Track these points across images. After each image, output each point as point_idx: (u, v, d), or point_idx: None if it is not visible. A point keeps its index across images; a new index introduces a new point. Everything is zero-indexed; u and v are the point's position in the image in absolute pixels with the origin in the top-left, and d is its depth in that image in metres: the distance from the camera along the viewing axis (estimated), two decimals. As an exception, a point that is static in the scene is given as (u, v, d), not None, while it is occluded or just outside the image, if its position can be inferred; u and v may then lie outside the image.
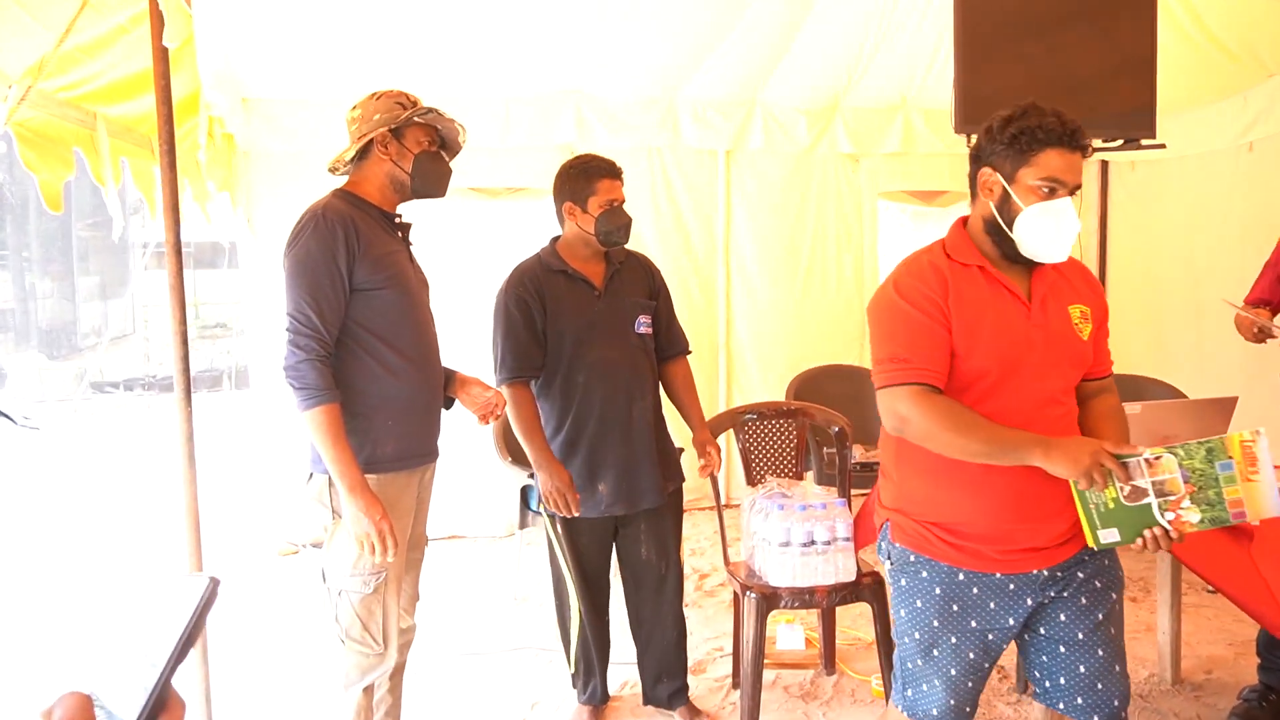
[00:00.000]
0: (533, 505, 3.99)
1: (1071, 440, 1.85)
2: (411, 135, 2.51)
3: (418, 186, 2.54)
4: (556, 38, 4.54)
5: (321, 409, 2.31)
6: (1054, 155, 1.91)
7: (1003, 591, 1.99)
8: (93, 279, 14.43)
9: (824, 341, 5.63)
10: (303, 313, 2.35)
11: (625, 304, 2.90)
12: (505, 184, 5.23)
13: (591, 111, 5.07)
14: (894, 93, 5.43)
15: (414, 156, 2.51)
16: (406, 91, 2.55)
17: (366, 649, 2.49)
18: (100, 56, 2.83)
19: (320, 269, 2.38)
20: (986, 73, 3.09)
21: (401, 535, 2.53)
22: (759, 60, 4.99)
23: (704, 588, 4.28)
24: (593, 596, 3.02)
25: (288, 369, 2.34)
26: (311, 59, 4.34)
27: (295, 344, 2.34)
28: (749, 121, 5.34)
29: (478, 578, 4.58)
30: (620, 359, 2.87)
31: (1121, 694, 2.02)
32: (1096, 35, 3.20)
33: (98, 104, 2.92)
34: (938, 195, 6.01)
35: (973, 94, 3.05)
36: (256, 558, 4.84)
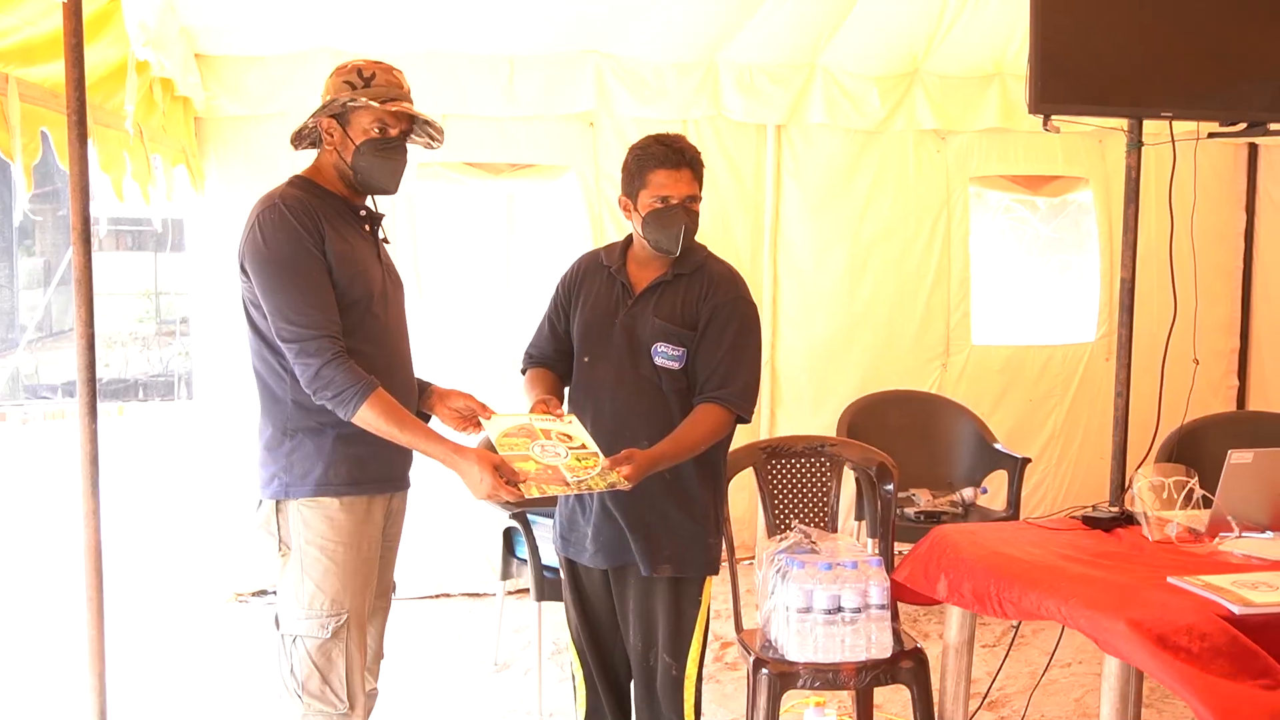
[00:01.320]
0: (518, 552, 4.07)
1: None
2: (357, 122, 2.60)
3: (360, 181, 2.64)
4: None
5: (367, 405, 2.47)
6: None
7: None
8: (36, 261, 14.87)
9: (897, 360, 5.64)
10: (300, 314, 2.46)
11: (646, 324, 2.87)
12: (509, 159, 5.33)
13: (614, 75, 5.15)
14: (987, 57, 5.44)
15: (354, 147, 2.60)
16: (370, 62, 2.64)
17: (327, 707, 2.57)
18: (13, 11, 2.97)
19: (299, 260, 2.49)
20: (1070, 40, 3.09)
21: (365, 574, 2.62)
22: (819, 15, 5.03)
23: (724, 658, 4.32)
24: (602, 660, 3.05)
25: (311, 382, 2.46)
26: (278, 6, 4.48)
27: (305, 352, 2.46)
28: (807, 90, 5.38)
29: (452, 640, 4.67)
30: (621, 387, 2.88)
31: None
32: (1213, 2, 3.18)
33: (10, 65, 3.05)
34: (1046, 181, 6.00)
35: (1053, 65, 3.06)
36: (196, 603, 4.98)
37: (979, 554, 2.79)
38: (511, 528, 4.06)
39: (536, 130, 5.23)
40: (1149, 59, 3.17)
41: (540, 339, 3.07)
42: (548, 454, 2.54)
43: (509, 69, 5.06)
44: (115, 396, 11.37)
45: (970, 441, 4.91)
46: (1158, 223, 3.77)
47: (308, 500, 2.57)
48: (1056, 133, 3.25)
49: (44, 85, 3.26)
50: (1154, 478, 2.94)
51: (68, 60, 2.52)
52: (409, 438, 2.54)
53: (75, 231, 2.55)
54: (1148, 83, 3.17)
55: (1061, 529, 3.02)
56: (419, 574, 4.93)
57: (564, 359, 3.03)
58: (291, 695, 2.59)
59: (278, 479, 2.58)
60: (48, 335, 12.93)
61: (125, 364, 12.90)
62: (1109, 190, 5.83)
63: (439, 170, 5.18)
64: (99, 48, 3.47)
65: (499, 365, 4.97)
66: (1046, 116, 3.11)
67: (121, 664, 3.52)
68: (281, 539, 2.60)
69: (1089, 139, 5.73)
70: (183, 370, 11.28)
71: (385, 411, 2.50)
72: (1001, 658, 3.83)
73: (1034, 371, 5.88)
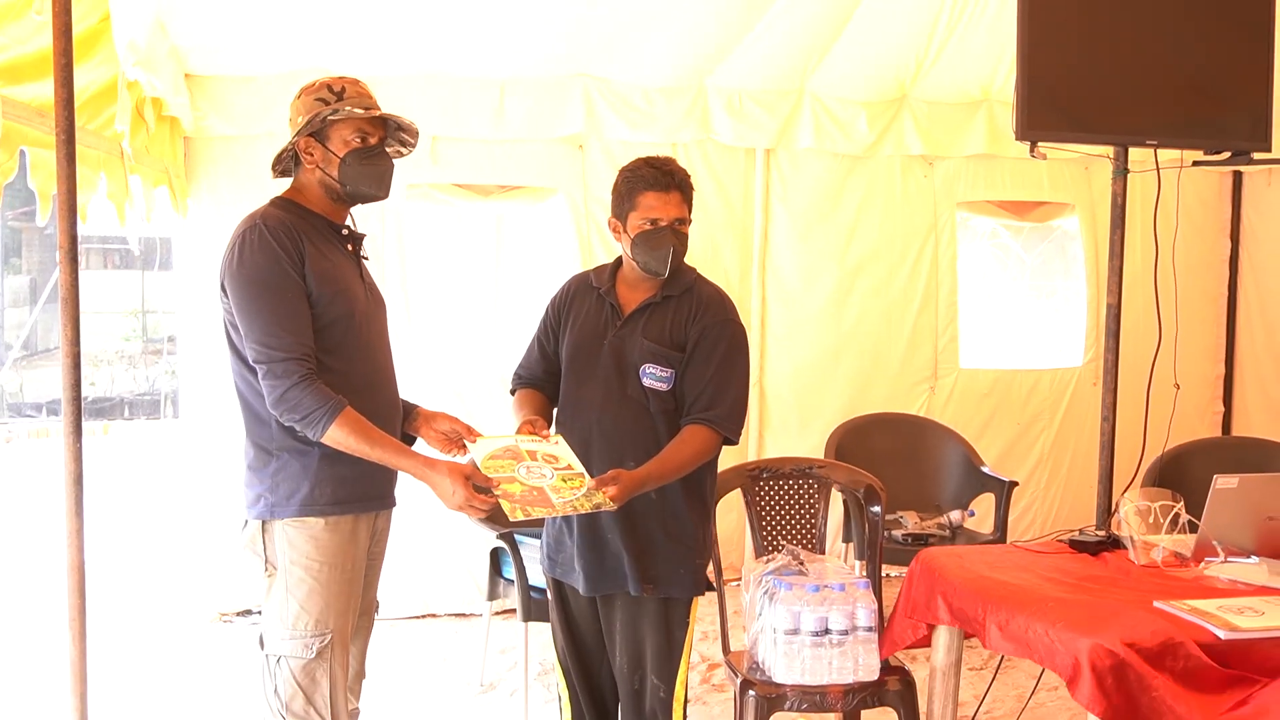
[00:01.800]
0: (505, 572, 4.06)
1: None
2: (337, 135, 2.62)
3: (350, 192, 2.65)
4: (562, 8, 4.65)
5: (335, 425, 2.47)
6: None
7: None
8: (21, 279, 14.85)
9: (884, 382, 5.66)
10: (272, 335, 2.47)
11: (634, 345, 2.88)
12: (498, 181, 5.34)
13: (603, 99, 5.17)
14: (974, 83, 5.48)
15: (339, 160, 2.61)
16: (336, 78, 2.66)
17: None
18: (3, 30, 2.97)
19: (275, 281, 2.50)
20: (1056, 68, 3.12)
21: (348, 594, 2.62)
22: (808, 41, 5.07)
23: (711, 680, 4.31)
24: (588, 681, 3.04)
25: (276, 404, 2.47)
26: (268, 27, 4.49)
27: (273, 373, 2.47)
28: (795, 115, 5.41)
29: (438, 660, 4.64)
30: (609, 408, 2.88)
31: None
32: (1197, 32, 3.21)
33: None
34: (1033, 208, 6.04)
35: (1040, 92, 3.09)
36: (181, 624, 4.95)
37: (965, 577, 2.80)
38: (499, 548, 4.05)
39: (525, 152, 5.24)
40: (1134, 88, 3.20)
41: (530, 360, 3.08)
42: (533, 475, 2.54)
43: (499, 92, 5.08)
44: (101, 415, 11.35)
45: (958, 464, 4.92)
46: (1143, 249, 3.80)
47: (293, 520, 2.57)
48: (1043, 159, 3.28)
49: (31, 105, 3.26)
50: (1140, 502, 2.95)
51: (57, 80, 2.51)
52: (380, 453, 2.54)
53: (62, 250, 2.54)
54: (1133, 111, 3.20)
55: (1048, 552, 3.03)
56: (405, 594, 4.92)
57: (553, 380, 3.03)
58: (276, 715, 2.59)
59: (263, 499, 2.59)
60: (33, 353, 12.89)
61: (111, 382, 12.88)
62: (1095, 216, 5.87)
63: (428, 191, 5.19)
64: (88, 68, 3.47)
65: (487, 386, 5.00)
66: (1033, 143, 3.14)
67: (104, 684, 3.49)
68: (267, 559, 2.60)
69: (1075, 165, 5.76)
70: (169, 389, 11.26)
71: (354, 430, 2.50)
72: (989, 681, 3.83)
73: (1022, 395, 5.90)
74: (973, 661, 4.38)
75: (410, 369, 4.06)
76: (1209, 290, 6.18)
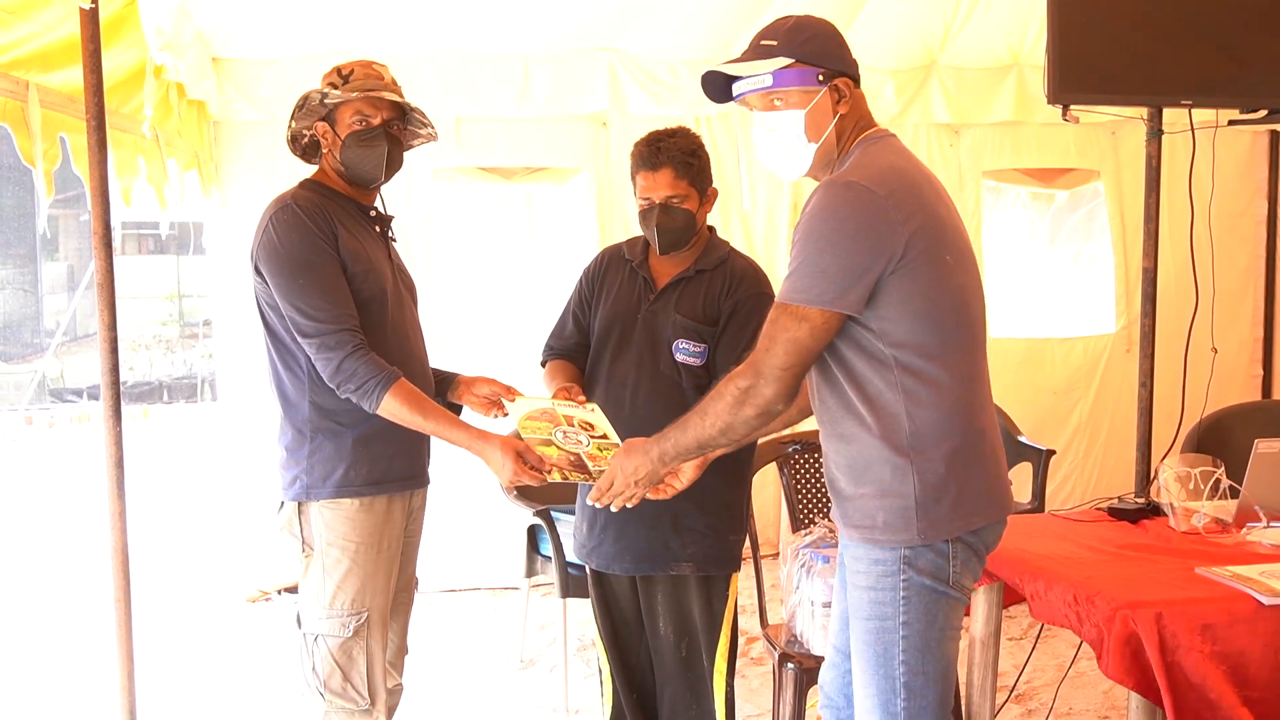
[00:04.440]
0: (543, 549, 4.06)
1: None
2: (341, 117, 2.61)
3: (350, 175, 2.64)
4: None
5: (389, 395, 2.48)
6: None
7: None
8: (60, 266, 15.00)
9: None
10: (316, 309, 2.47)
11: (668, 320, 2.86)
12: (522, 163, 5.31)
13: (628, 73, 5.13)
14: (1003, 47, 5.39)
15: (341, 142, 2.60)
16: (350, 62, 2.65)
17: (349, 704, 2.59)
18: (33, 17, 2.97)
19: (313, 258, 2.50)
20: (1088, 28, 3.05)
21: (385, 573, 2.63)
22: (833, 9, 4.95)
23: (750, 654, 4.30)
24: (624, 661, 3.04)
25: (334, 376, 2.48)
26: (292, 9, 4.47)
27: (326, 345, 2.47)
28: (822, 85, 5.33)
29: (477, 636, 4.66)
30: (641, 383, 2.85)
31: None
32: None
33: (30, 72, 3.06)
34: (1059, 175, 5.95)
35: (1071, 54, 3.02)
36: (220, 604, 4.99)
37: (1003, 546, 2.76)
38: (535, 525, 4.05)
39: (549, 131, 5.21)
40: (1167, 47, 3.12)
41: (562, 330, 3.05)
42: (569, 441, 2.52)
43: (523, 68, 5.04)
44: (140, 399, 11.46)
45: (994, 434, 4.86)
46: (1171, 212, 3.71)
47: (328, 502, 2.58)
48: (1075, 123, 3.21)
49: (62, 91, 3.27)
50: (1180, 468, 2.90)
51: (86, 66, 2.52)
52: (433, 425, 2.54)
53: (97, 236, 2.55)
54: (1166, 71, 3.13)
55: (1087, 520, 2.98)
56: (444, 568, 4.94)
57: (585, 351, 3.01)
58: (314, 693, 2.61)
59: (299, 481, 2.59)
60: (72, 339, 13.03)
61: (150, 367, 13.00)
62: (1121, 182, 5.78)
63: (453, 174, 5.17)
64: (115, 53, 3.47)
65: (514, 366, 4.97)
66: (1065, 106, 3.08)
67: (148, 663, 3.52)
68: (304, 540, 2.61)
69: (1102, 130, 5.68)
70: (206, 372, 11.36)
71: (409, 400, 2.50)
72: (1028, 650, 3.79)
73: (1055, 364, 5.82)
74: (1012, 631, 4.34)
75: (438, 350, 4.06)
76: (1246, 253, 6.07)
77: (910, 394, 2.08)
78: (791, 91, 2.14)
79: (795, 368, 2.07)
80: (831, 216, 2.05)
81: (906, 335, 2.07)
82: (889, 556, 2.13)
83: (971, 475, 2.13)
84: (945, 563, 2.13)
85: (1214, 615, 2.29)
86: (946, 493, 2.10)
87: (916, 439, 2.09)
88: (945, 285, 2.11)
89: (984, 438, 2.17)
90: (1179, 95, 3.13)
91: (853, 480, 2.17)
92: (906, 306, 2.06)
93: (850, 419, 2.14)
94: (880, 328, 2.07)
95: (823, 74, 2.15)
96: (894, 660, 2.15)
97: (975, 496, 2.14)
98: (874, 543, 2.14)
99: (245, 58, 4.75)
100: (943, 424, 2.10)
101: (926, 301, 2.07)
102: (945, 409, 2.10)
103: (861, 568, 2.18)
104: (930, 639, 2.14)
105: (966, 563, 2.16)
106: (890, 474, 2.11)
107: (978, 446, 2.15)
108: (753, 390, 2.09)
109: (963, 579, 2.16)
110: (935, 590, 2.13)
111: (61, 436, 10.01)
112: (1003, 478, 2.23)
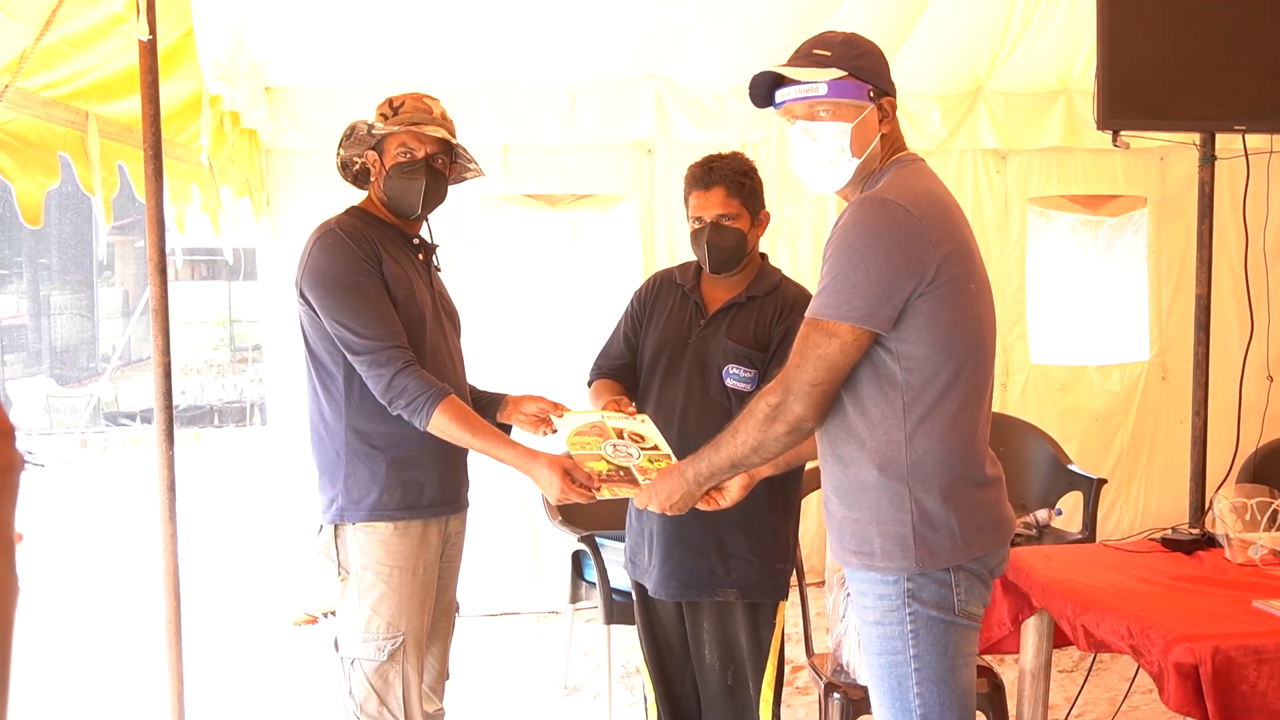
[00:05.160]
0: (587, 575, 4.05)
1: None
2: (389, 148, 2.65)
3: (390, 205, 2.68)
4: (632, 11, 4.63)
5: (440, 411, 2.49)
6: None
7: None
8: (115, 291, 15.27)
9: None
10: (366, 327, 2.50)
11: (719, 346, 2.85)
12: (568, 189, 5.34)
13: (674, 100, 5.14)
14: (1052, 72, 5.35)
15: (386, 172, 2.64)
16: (402, 94, 2.68)
17: None
18: (92, 49, 3.04)
19: (359, 279, 2.54)
20: (1139, 53, 3.02)
21: (421, 597, 2.64)
22: (880, 35, 4.83)
23: (795, 683, 4.25)
24: (669, 689, 3.02)
25: (385, 392, 2.50)
26: (343, 39, 4.54)
27: (377, 362, 2.50)
28: (868, 110, 5.32)
29: (521, 661, 4.65)
30: (690, 408, 2.84)
31: None
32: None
33: (90, 102, 3.13)
34: (1105, 201, 5.88)
35: (1122, 79, 2.99)
36: (267, 627, 5.02)
37: (1054, 577, 2.72)
38: (580, 550, 4.04)
39: (595, 159, 5.23)
40: (1220, 72, 3.09)
41: (613, 350, 3.05)
42: (619, 454, 2.50)
43: (570, 96, 5.07)
44: (191, 423, 11.62)
45: (1043, 462, 4.79)
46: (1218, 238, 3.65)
47: (363, 525, 2.60)
48: (1126, 149, 3.18)
49: (120, 121, 3.34)
50: (1236, 499, 2.84)
51: (144, 96, 2.56)
52: (481, 443, 2.55)
53: (151, 263, 2.60)
54: (1219, 96, 3.09)
55: (1140, 551, 2.93)
56: (487, 592, 4.94)
57: (632, 371, 3.01)
58: (351, 716, 2.62)
59: (335, 504, 2.62)
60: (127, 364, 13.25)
61: (201, 391, 13.19)
62: (1163, 208, 5.72)
63: (500, 201, 5.21)
64: (172, 83, 3.54)
65: (558, 391, 4.95)
66: (1115, 132, 3.04)
67: (198, 685, 3.55)
68: (340, 563, 2.63)
69: (1150, 156, 5.62)
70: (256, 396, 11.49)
71: (458, 417, 2.52)
72: (1080, 683, 3.72)
73: (1094, 391, 5.75)
74: (1063, 664, 4.26)
75: (484, 374, 4.08)
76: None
77: (915, 422, 2.06)
78: (841, 104, 2.14)
79: (825, 384, 2.06)
80: (866, 233, 2.04)
81: (923, 361, 2.05)
82: (892, 591, 2.10)
83: (970, 505, 2.10)
84: (949, 592, 2.10)
85: (1271, 650, 2.24)
86: (945, 522, 2.07)
87: (915, 468, 2.07)
88: (968, 314, 2.09)
89: (983, 466, 2.14)
90: (1232, 120, 3.09)
91: (845, 503, 2.16)
92: (928, 332, 2.05)
93: (850, 442, 2.12)
94: (899, 349, 2.05)
95: (873, 90, 2.15)
96: (909, 694, 2.12)
97: (974, 525, 2.10)
98: (873, 570, 2.12)
99: (298, 87, 4.82)
100: (943, 455, 2.07)
101: (947, 328, 2.06)
102: (948, 439, 2.07)
103: (868, 602, 2.16)
104: (943, 669, 2.11)
105: (971, 590, 2.12)
106: (887, 501, 2.09)
107: (976, 476, 2.12)
108: (783, 407, 2.08)
109: (969, 606, 2.13)
110: (943, 620, 2.10)
111: (115, 459, 10.16)
112: (1001, 503, 2.18)
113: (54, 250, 14.74)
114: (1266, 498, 2.82)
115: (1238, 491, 2.88)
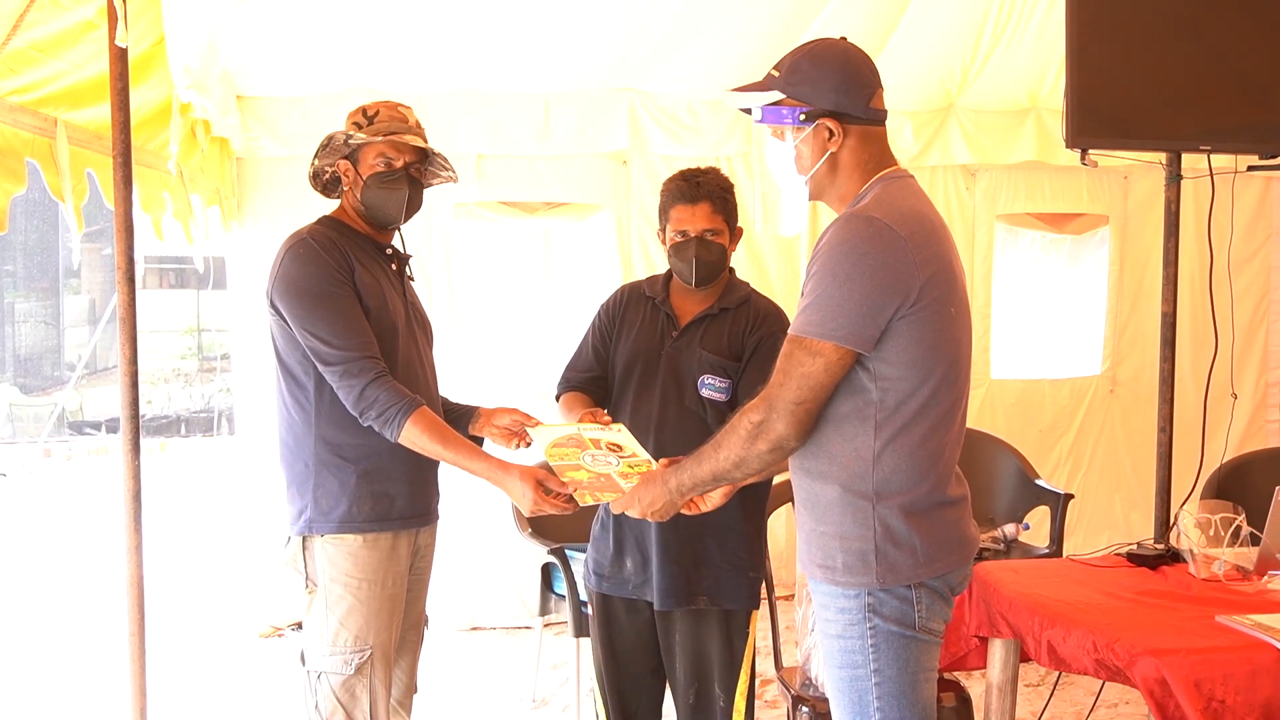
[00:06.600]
0: (556, 587, 4.04)
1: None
2: (364, 158, 2.64)
3: (369, 215, 2.67)
4: (606, 23, 4.64)
5: (410, 422, 2.48)
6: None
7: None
8: (82, 299, 15.11)
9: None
10: (338, 337, 2.49)
11: (694, 356, 2.86)
12: (543, 198, 5.34)
13: (648, 113, 5.16)
14: (1022, 91, 5.41)
15: (363, 182, 2.62)
16: (375, 102, 2.68)
17: None
18: (62, 55, 3.01)
19: (331, 289, 2.52)
20: (1107, 73, 3.06)
21: (389, 611, 2.62)
22: (852, 52, 5.02)
23: (764, 696, 4.25)
24: (623, 705, 3.01)
25: (356, 403, 2.49)
26: (317, 48, 4.52)
27: (349, 373, 2.48)
28: (841, 126, 5.35)
29: (490, 674, 4.62)
30: (666, 419, 2.85)
31: None
32: (1250, 35, 3.13)
33: (59, 109, 3.10)
34: (1070, 219, 5.95)
35: (1090, 98, 3.02)
36: (233, 639, 4.97)
37: (1021, 591, 2.74)
38: (549, 563, 4.03)
39: (570, 169, 5.23)
40: (1187, 92, 3.12)
41: (581, 363, 3.04)
42: (599, 463, 2.50)
43: (544, 107, 5.08)
44: (157, 432, 11.51)
45: (1010, 476, 4.83)
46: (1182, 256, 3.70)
47: (332, 537, 2.58)
48: (1094, 166, 3.21)
49: (89, 128, 3.31)
50: (1200, 514, 2.87)
51: (114, 104, 2.55)
52: (453, 454, 2.54)
53: (120, 271, 2.57)
54: (1186, 116, 3.13)
55: (1105, 566, 2.95)
56: (457, 606, 4.91)
57: (602, 384, 3.01)
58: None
59: (304, 515, 2.60)
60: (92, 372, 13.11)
61: (168, 400, 13.08)
62: (1126, 226, 5.80)
63: (474, 209, 5.20)
64: (142, 90, 3.52)
65: (533, 401, 4.96)
66: (1084, 150, 3.07)
67: (161, 697, 3.51)
68: (308, 575, 2.61)
69: (1114, 175, 5.70)
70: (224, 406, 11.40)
71: (430, 428, 2.51)
72: (1046, 697, 3.75)
73: (1045, 405, 5.83)
74: (1029, 678, 4.29)
75: (458, 384, 4.06)
76: (1252, 298, 6.03)
77: (885, 440, 2.07)
78: (780, 126, 2.19)
79: (808, 403, 2.06)
80: (852, 251, 2.05)
81: (899, 381, 2.06)
82: (853, 605, 2.12)
83: (933, 523, 2.11)
84: (911, 608, 2.11)
85: (1235, 665, 2.26)
86: (907, 540, 2.09)
87: (881, 485, 2.08)
88: (946, 336, 2.10)
89: (948, 486, 2.15)
90: (1198, 140, 3.12)
91: (813, 516, 2.17)
92: (906, 353, 2.06)
93: (821, 457, 2.13)
94: (876, 369, 2.06)
95: (805, 114, 2.16)
96: (869, 707, 2.13)
97: (937, 543, 2.11)
98: (835, 583, 2.13)
99: (270, 95, 4.80)
100: (910, 473, 2.08)
101: (925, 350, 2.07)
102: (916, 459, 2.08)
103: (830, 615, 2.17)
104: (904, 684, 2.13)
105: (932, 606, 2.14)
106: (851, 517, 2.10)
107: (941, 496, 2.13)
108: (766, 425, 2.08)
109: (930, 622, 2.14)
110: (903, 635, 2.11)
111: (79, 469, 10.05)
112: (965, 522, 2.20)
113: (19, 257, 14.59)
114: (1230, 514, 2.85)
115: (1202, 507, 2.91)
